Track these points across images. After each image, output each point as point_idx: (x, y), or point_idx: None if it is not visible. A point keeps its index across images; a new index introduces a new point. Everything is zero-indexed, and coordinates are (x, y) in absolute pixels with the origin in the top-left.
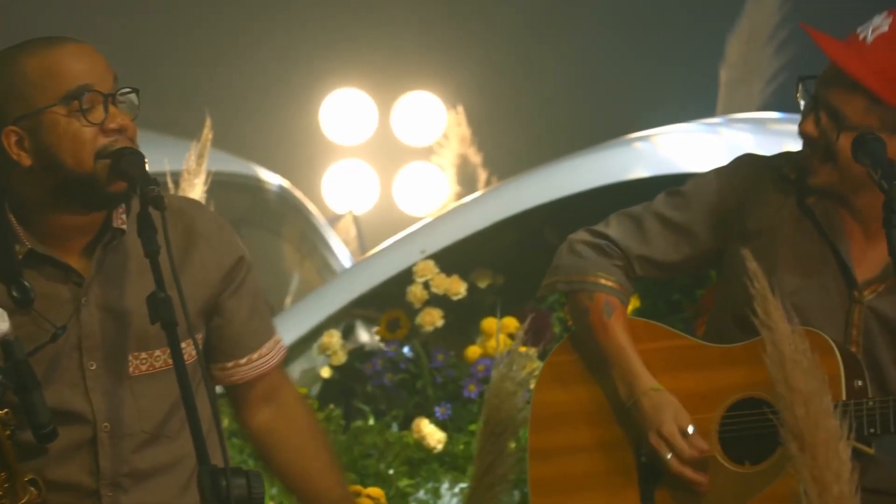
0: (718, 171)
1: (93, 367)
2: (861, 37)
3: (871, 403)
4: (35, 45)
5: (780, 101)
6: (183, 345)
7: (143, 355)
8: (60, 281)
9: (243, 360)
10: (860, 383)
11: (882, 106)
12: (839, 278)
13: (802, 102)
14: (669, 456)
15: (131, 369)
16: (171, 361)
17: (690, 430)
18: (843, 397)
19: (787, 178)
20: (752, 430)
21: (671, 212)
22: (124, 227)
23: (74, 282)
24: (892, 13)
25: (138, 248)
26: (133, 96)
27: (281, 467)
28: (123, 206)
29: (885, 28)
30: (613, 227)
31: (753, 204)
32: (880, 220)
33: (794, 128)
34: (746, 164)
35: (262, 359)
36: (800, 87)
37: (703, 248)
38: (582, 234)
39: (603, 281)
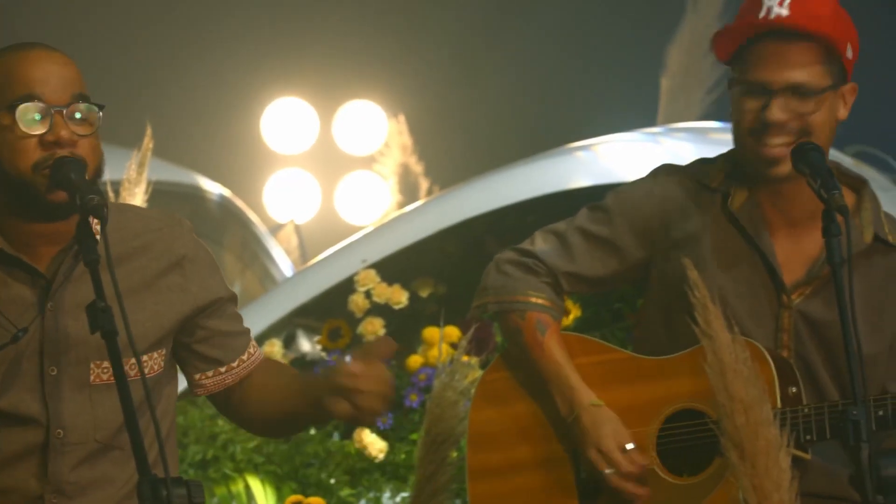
0: (638, 184)
1: (53, 373)
2: (765, 12)
3: (806, 410)
4: (8, 48)
5: (720, 111)
6: (145, 358)
7: (105, 364)
8: (28, 284)
9: (235, 363)
10: (794, 390)
11: (829, 61)
12: (767, 284)
13: (741, 97)
14: (608, 472)
15: (92, 377)
16: (132, 373)
17: (629, 446)
18: (779, 405)
19: (707, 187)
20: (689, 442)
21: (595, 227)
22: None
23: (41, 286)
24: None
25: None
26: (94, 112)
27: (274, 403)
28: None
29: None
30: (539, 245)
31: (676, 214)
32: (807, 221)
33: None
34: (665, 174)
35: (252, 357)
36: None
37: (630, 261)
38: (508, 254)
39: (533, 299)
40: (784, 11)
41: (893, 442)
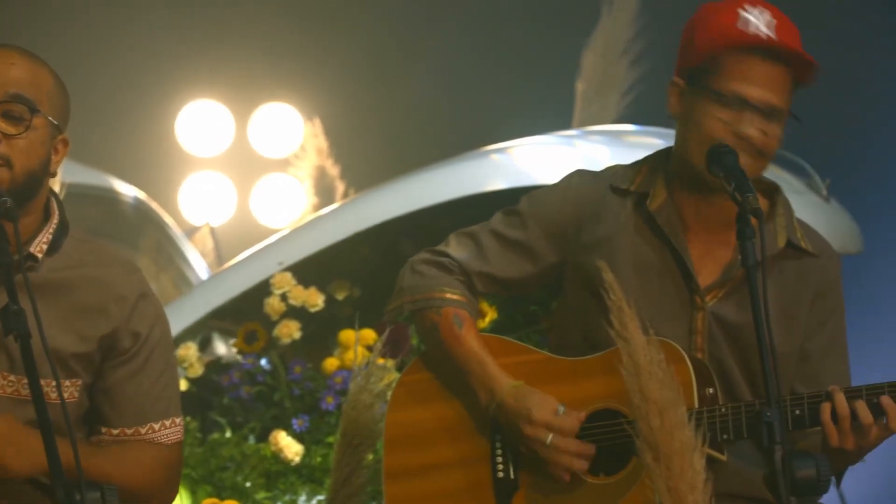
0: (552, 188)
1: None
2: (751, 27)
3: (723, 410)
4: None
5: (635, 114)
6: (66, 383)
7: (12, 378)
8: None
9: (130, 430)
10: (711, 391)
11: (791, 90)
12: (681, 286)
13: (710, 102)
14: (549, 438)
15: None
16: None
17: (561, 409)
18: (696, 405)
19: (621, 190)
20: (606, 442)
21: (509, 231)
22: (39, 255)
23: None
24: (757, 3)
25: (46, 273)
26: (28, 112)
27: None
28: (49, 232)
29: (767, 13)
30: (453, 247)
31: (590, 218)
32: (724, 224)
33: (649, 140)
34: (579, 179)
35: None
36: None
37: (544, 264)
38: (422, 255)
39: (449, 295)
40: (772, 33)
41: (808, 443)
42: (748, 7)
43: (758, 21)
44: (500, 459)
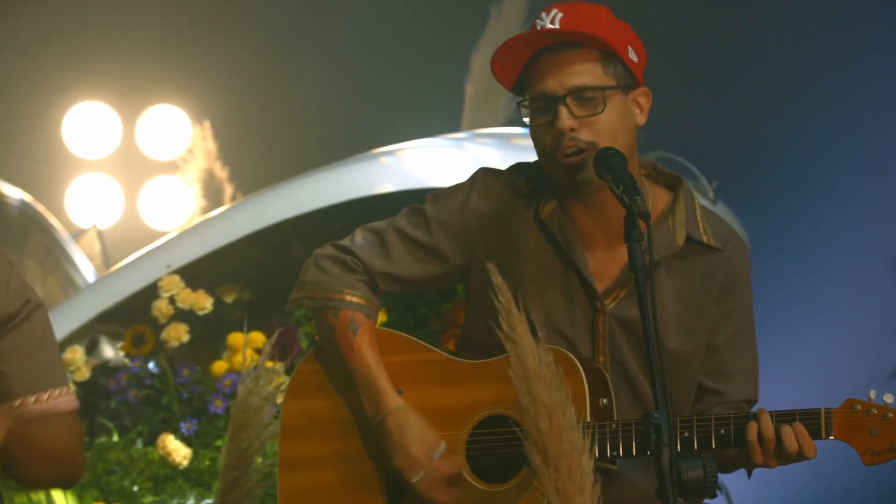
0: (457, 189)
1: None
2: (542, 25)
3: (613, 426)
4: None
5: None
6: None
7: None
8: None
9: (32, 398)
10: (605, 401)
11: (609, 62)
12: (581, 290)
13: (532, 116)
14: (416, 479)
15: None
16: None
17: (439, 450)
18: (588, 418)
19: (521, 193)
20: (498, 448)
21: (414, 231)
22: None
23: None
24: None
25: None
26: None
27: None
28: None
29: (557, 10)
30: (358, 243)
31: (493, 219)
32: (619, 227)
33: None
34: (483, 180)
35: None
36: (524, 105)
37: (448, 265)
38: (327, 250)
39: (348, 297)
40: (556, 26)
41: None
42: (542, 14)
43: (544, 22)
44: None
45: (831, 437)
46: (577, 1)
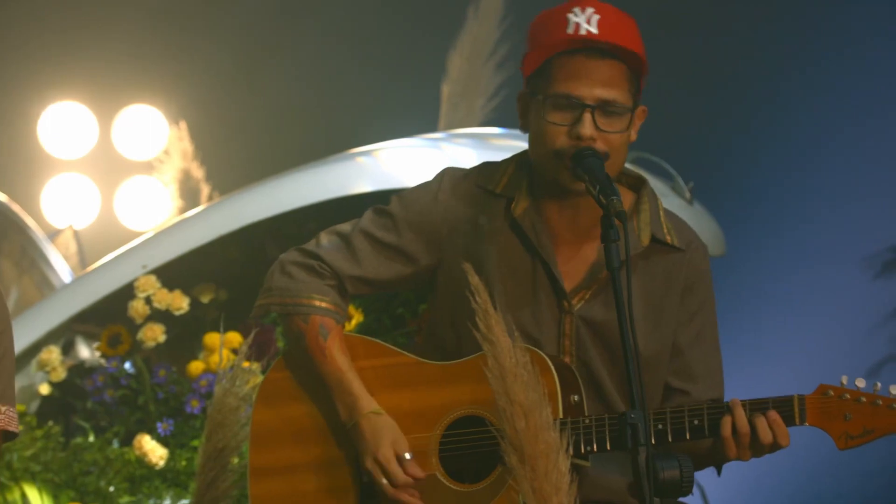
0: (423, 188)
1: None
2: (575, 28)
3: (587, 422)
4: None
5: (500, 117)
6: None
7: None
8: None
9: None
10: (576, 398)
11: (632, 81)
12: (549, 290)
13: (548, 112)
14: (384, 482)
15: None
16: None
17: (407, 456)
18: (560, 415)
19: (492, 192)
20: (471, 448)
21: (381, 233)
22: None
23: None
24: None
25: None
26: None
27: None
28: None
29: (593, 11)
30: (324, 247)
31: (462, 219)
32: (590, 226)
33: (515, 143)
34: (451, 179)
35: None
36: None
37: (417, 266)
38: (293, 255)
39: (317, 303)
40: (594, 29)
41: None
42: (576, 9)
43: (580, 21)
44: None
45: (806, 424)
46: (607, 2)
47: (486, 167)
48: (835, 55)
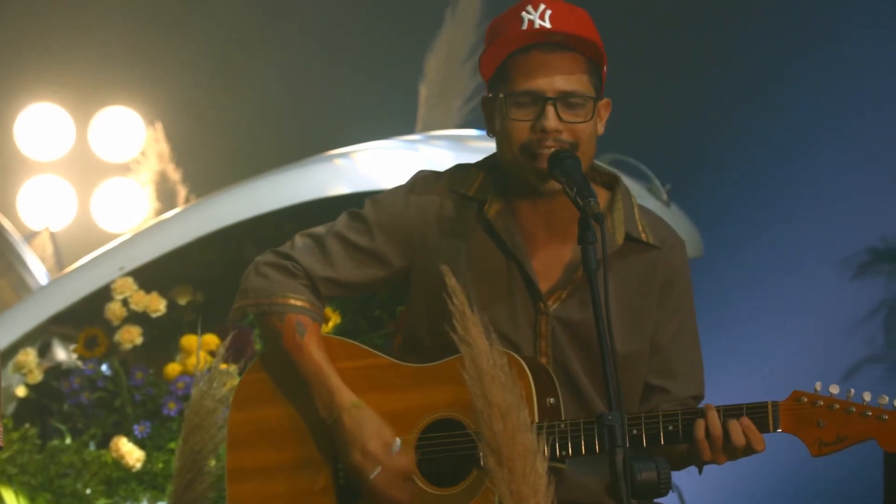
0: (396, 192)
1: None
2: (529, 25)
3: (562, 426)
4: None
5: (478, 119)
6: None
7: None
8: None
9: None
10: (552, 401)
11: (591, 72)
12: (524, 292)
13: (510, 110)
14: (375, 474)
15: None
16: None
17: (396, 444)
18: (536, 418)
19: (465, 195)
20: (447, 452)
21: (355, 236)
22: None
23: None
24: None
25: None
26: None
27: None
28: None
29: (545, 7)
30: (298, 249)
31: (434, 223)
32: (565, 227)
33: (492, 145)
34: (423, 183)
35: None
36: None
37: (390, 269)
38: (267, 256)
39: (292, 301)
40: (546, 24)
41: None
42: (529, 7)
43: (534, 17)
44: (342, 466)
45: (779, 430)
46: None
47: (459, 170)
48: (812, 57)
